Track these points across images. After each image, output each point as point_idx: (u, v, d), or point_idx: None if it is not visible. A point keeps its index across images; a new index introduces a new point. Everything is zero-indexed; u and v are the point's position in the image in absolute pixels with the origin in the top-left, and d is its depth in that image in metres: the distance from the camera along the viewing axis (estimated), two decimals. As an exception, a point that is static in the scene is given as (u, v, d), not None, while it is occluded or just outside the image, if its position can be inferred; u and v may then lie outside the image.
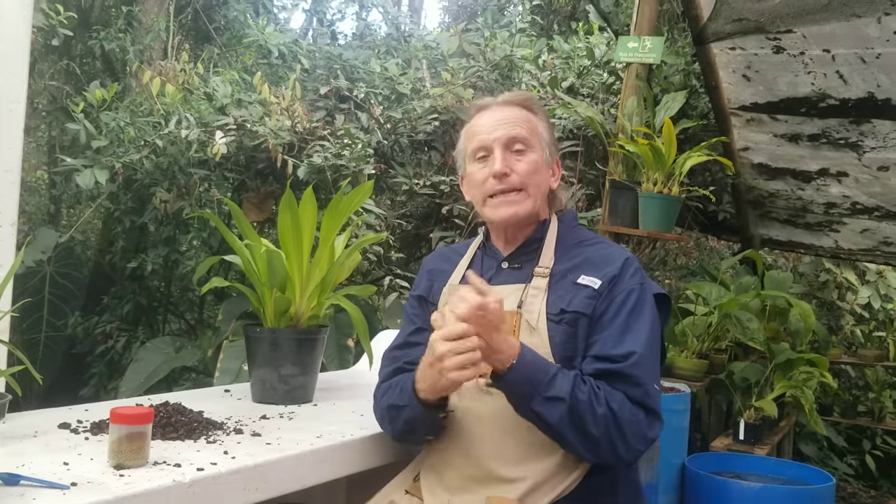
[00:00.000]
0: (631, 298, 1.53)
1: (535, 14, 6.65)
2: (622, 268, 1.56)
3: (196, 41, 6.28)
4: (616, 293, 1.53)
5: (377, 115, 4.28)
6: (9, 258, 1.53)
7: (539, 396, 1.42)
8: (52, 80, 5.57)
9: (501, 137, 1.63)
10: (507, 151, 1.63)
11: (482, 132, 1.66)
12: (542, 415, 1.43)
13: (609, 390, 1.45)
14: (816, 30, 3.17)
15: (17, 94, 1.53)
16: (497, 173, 1.61)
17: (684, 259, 6.00)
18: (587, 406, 1.42)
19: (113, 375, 4.52)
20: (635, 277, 1.56)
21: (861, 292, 6.05)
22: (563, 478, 1.50)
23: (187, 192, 3.95)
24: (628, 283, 1.55)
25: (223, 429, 1.62)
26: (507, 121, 1.65)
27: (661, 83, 4.04)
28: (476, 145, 1.66)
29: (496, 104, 1.69)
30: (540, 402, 1.42)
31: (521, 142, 1.63)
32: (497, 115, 1.66)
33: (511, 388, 1.45)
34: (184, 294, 5.12)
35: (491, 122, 1.65)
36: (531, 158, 1.64)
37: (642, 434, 1.46)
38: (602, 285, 1.54)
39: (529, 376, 1.43)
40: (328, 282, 2.01)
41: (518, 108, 1.68)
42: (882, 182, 3.95)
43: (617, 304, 1.52)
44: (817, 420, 3.70)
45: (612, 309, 1.52)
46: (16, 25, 1.50)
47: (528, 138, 1.64)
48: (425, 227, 4.31)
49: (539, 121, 1.69)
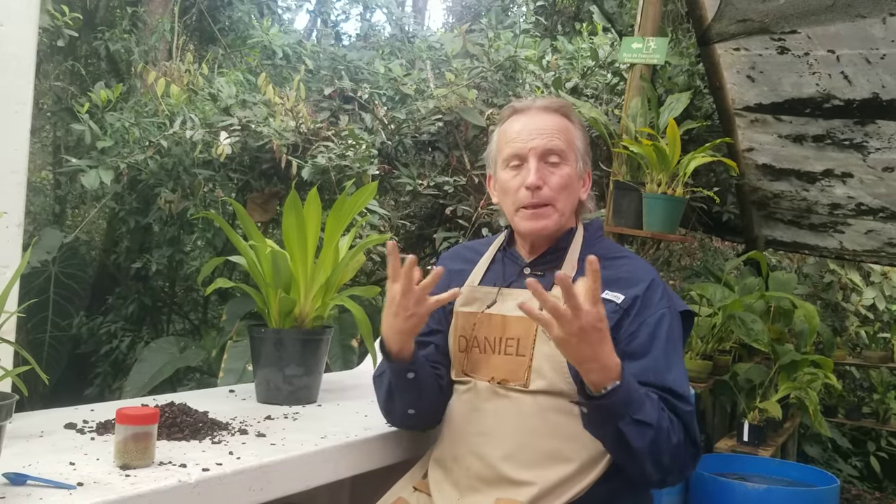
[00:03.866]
0: (664, 322, 1.51)
1: (538, 15, 6.65)
2: (649, 288, 1.55)
3: (201, 42, 6.30)
4: (647, 315, 1.51)
5: (381, 116, 4.29)
6: (15, 259, 1.53)
7: (629, 417, 1.36)
8: (58, 81, 5.60)
9: (538, 148, 1.59)
10: (542, 162, 1.59)
11: (518, 140, 1.61)
12: (625, 435, 1.37)
13: (677, 421, 1.44)
14: (821, 30, 3.16)
15: (24, 96, 1.53)
16: (531, 185, 1.57)
17: (688, 260, 5.99)
18: (666, 435, 1.40)
19: (117, 375, 4.53)
20: (664, 299, 1.54)
21: (866, 293, 6.03)
22: (573, 484, 1.49)
23: (192, 193, 3.96)
24: (658, 305, 1.53)
25: (228, 429, 1.63)
26: (545, 130, 1.60)
27: (665, 84, 4.03)
28: (511, 152, 1.62)
29: (534, 108, 1.64)
30: (629, 423, 1.36)
31: (557, 154, 1.60)
32: (535, 122, 1.62)
33: (604, 409, 1.36)
34: (188, 294, 5.14)
35: (528, 129, 1.61)
36: (565, 172, 1.60)
37: (687, 468, 1.49)
38: (625, 300, 1.53)
39: (629, 396, 1.36)
40: (332, 282, 2.01)
41: (556, 116, 1.63)
42: (887, 183, 3.94)
43: (650, 326, 1.50)
44: (822, 422, 3.68)
45: (646, 331, 1.50)
46: (22, 27, 1.50)
47: (565, 151, 1.61)
48: (429, 228, 4.32)
49: (575, 130, 1.66)
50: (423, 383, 1.62)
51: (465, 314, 1.68)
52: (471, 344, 1.65)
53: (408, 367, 1.58)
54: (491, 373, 1.60)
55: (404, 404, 1.65)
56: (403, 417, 1.70)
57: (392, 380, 1.62)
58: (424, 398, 1.64)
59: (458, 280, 1.72)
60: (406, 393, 1.62)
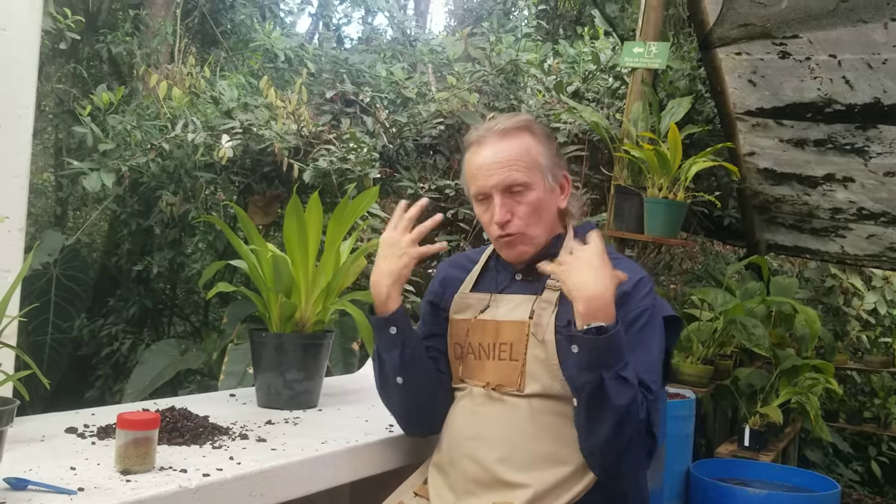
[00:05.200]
0: (641, 318, 1.53)
1: (540, 19, 6.66)
2: (635, 286, 1.56)
3: (203, 45, 6.32)
4: (627, 310, 1.52)
5: (383, 119, 4.29)
6: (17, 263, 1.53)
7: (614, 371, 1.38)
8: (60, 84, 5.60)
9: (499, 185, 1.58)
10: (506, 195, 1.59)
11: (480, 176, 1.61)
12: (606, 387, 1.38)
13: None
14: (823, 35, 3.16)
15: (27, 100, 1.54)
16: (499, 223, 1.59)
17: (690, 264, 5.99)
18: (636, 407, 1.41)
19: (118, 378, 4.53)
20: (647, 298, 1.56)
21: (867, 298, 6.02)
22: (567, 488, 1.50)
23: (193, 196, 3.97)
24: (640, 302, 1.54)
25: (229, 434, 1.63)
26: (505, 161, 1.58)
27: (666, 88, 4.03)
28: (475, 190, 1.63)
29: (491, 135, 1.62)
30: (613, 376, 1.38)
31: (519, 185, 1.59)
32: (493, 155, 1.60)
33: (599, 346, 1.38)
34: (189, 296, 5.14)
35: (488, 164, 1.60)
36: (532, 198, 1.59)
37: (641, 458, 1.48)
38: None
39: (616, 348, 1.39)
40: (333, 287, 2.02)
41: (514, 137, 1.61)
42: (888, 188, 3.94)
43: (628, 320, 1.51)
44: (822, 426, 3.68)
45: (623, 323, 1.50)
46: (26, 31, 1.51)
47: (528, 180, 1.59)
48: (430, 232, 4.31)
49: (538, 144, 1.63)
50: (410, 347, 1.62)
51: (459, 321, 1.69)
52: (465, 350, 1.65)
53: (390, 318, 1.60)
54: (486, 378, 1.61)
55: (392, 371, 1.63)
56: (396, 394, 1.67)
57: (378, 341, 1.63)
58: (414, 368, 1.63)
59: (455, 287, 1.74)
60: (391, 354, 1.62)
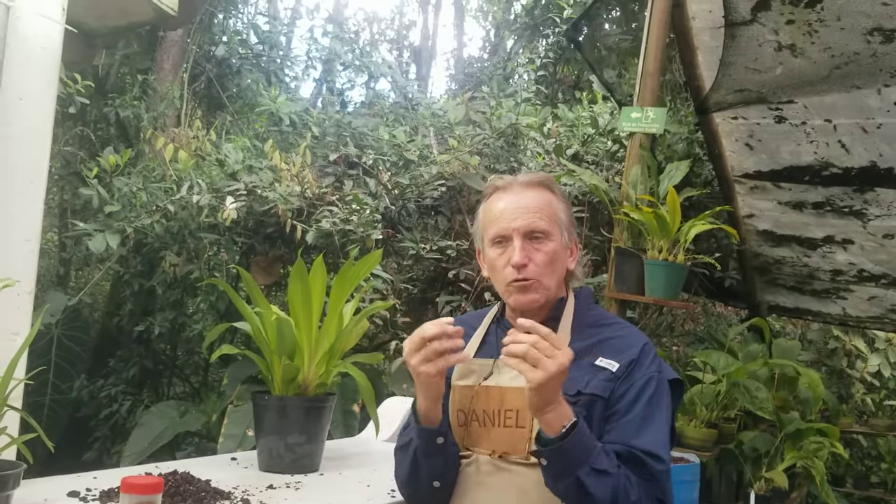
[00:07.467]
0: (650, 387, 1.53)
1: (539, 83, 6.80)
2: (641, 353, 1.57)
3: (209, 108, 6.44)
4: (635, 378, 1.53)
5: (385, 181, 4.35)
6: (25, 326, 1.54)
7: (588, 466, 1.39)
8: (67, 146, 5.69)
9: (521, 228, 1.61)
10: (526, 240, 1.61)
11: (502, 220, 1.63)
12: (585, 486, 1.38)
13: (639, 481, 1.44)
14: (817, 100, 3.22)
15: (39, 167, 1.57)
16: (517, 264, 1.59)
17: (692, 325, 5.97)
18: (625, 489, 1.41)
19: (116, 439, 4.48)
20: (653, 365, 1.57)
21: (871, 360, 5.99)
22: None
23: (196, 256, 3.99)
24: (647, 370, 1.55)
25: (230, 499, 1.61)
26: (528, 209, 1.62)
27: (664, 151, 4.09)
28: (495, 232, 1.64)
29: (516, 184, 1.66)
30: (588, 472, 1.39)
31: (540, 232, 1.61)
32: (517, 201, 1.64)
33: (564, 453, 1.39)
34: (189, 357, 5.12)
35: (511, 208, 1.63)
36: (550, 248, 1.62)
37: None
38: (620, 369, 1.54)
39: (585, 443, 1.40)
40: (336, 349, 2.02)
41: (538, 191, 1.66)
42: (887, 250, 3.96)
43: (636, 389, 1.51)
44: (829, 492, 3.62)
45: (631, 394, 1.52)
46: (42, 102, 1.55)
47: (549, 229, 1.62)
48: (432, 291, 4.33)
49: (558, 202, 1.67)
50: (450, 453, 1.59)
51: (462, 388, 1.66)
52: (469, 418, 1.63)
53: (437, 430, 1.56)
54: (492, 446, 1.58)
55: (431, 475, 1.60)
56: (427, 493, 1.63)
57: (420, 446, 1.57)
58: (450, 470, 1.60)
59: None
60: (433, 460, 1.58)
